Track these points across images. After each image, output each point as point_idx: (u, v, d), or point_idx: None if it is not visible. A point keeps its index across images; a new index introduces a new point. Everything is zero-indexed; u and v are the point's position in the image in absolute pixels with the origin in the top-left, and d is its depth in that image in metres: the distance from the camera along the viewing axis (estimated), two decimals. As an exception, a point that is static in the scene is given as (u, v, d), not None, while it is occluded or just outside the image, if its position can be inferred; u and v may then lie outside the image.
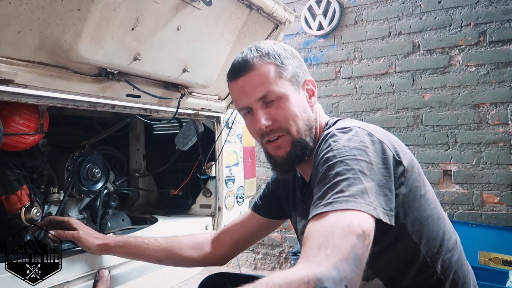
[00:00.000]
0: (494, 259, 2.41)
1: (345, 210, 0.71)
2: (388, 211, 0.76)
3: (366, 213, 0.71)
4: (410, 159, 0.89)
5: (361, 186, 0.74)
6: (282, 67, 0.96)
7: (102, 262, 1.29)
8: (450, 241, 0.92)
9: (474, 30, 2.66)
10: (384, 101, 2.99)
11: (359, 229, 0.68)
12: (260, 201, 1.24)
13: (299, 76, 0.99)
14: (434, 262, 0.88)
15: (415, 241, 0.87)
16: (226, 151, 1.94)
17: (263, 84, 0.94)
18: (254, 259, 3.54)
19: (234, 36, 1.45)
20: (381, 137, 0.85)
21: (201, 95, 1.64)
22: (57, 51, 1.00)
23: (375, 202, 0.74)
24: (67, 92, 1.13)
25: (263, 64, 0.95)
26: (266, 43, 1.01)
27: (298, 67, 1.00)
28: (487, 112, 2.62)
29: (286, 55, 0.98)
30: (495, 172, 2.59)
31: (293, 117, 0.95)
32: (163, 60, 1.27)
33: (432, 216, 0.90)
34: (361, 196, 0.73)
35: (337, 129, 0.88)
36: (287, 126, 0.95)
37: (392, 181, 0.80)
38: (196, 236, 1.27)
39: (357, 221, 0.69)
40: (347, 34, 3.14)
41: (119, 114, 1.75)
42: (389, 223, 0.75)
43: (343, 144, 0.81)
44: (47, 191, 1.43)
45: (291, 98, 0.95)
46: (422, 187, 0.90)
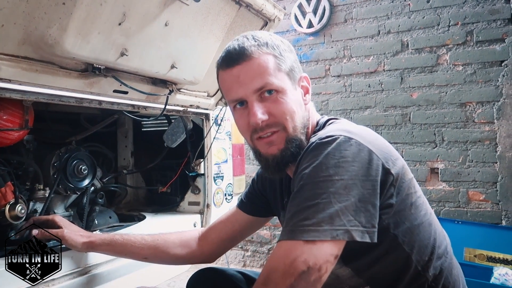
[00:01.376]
0: (479, 255, 2.45)
1: (301, 242, 0.72)
2: (368, 227, 0.75)
3: (329, 241, 0.72)
4: (401, 166, 0.85)
5: (331, 210, 0.73)
6: (281, 59, 0.90)
7: (87, 260, 1.28)
8: (441, 247, 0.90)
9: (461, 30, 2.69)
10: (373, 99, 3.01)
11: (304, 266, 0.70)
12: (246, 198, 1.22)
13: (296, 72, 0.94)
14: (425, 271, 0.86)
15: (406, 251, 0.85)
16: (215, 148, 1.94)
17: (261, 75, 0.87)
18: (243, 257, 3.54)
19: (223, 32, 1.45)
20: (370, 145, 0.81)
21: (189, 91, 1.63)
22: (42, 45, 0.98)
23: (350, 223, 0.73)
24: (53, 88, 1.12)
25: (262, 53, 0.88)
26: (263, 33, 0.95)
27: (294, 62, 0.95)
28: (474, 111, 2.66)
29: (284, 48, 0.93)
30: (481, 170, 2.63)
31: (291, 112, 0.89)
32: (151, 56, 1.26)
33: (423, 223, 0.87)
34: (328, 222, 0.72)
35: (320, 138, 0.82)
36: (284, 122, 0.88)
37: (376, 194, 0.78)
38: (183, 234, 1.25)
39: (304, 257, 0.71)
40: (337, 32, 3.15)
41: (107, 110, 1.73)
42: (368, 240, 0.74)
43: (320, 161, 0.77)
44: (32, 188, 1.41)
45: (289, 92, 0.90)
46: (413, 193, 0.87)
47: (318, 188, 0.75)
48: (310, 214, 0.73)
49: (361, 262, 0.86)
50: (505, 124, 2.55)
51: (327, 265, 0.72)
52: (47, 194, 1.42)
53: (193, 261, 1.25)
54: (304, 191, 0.77)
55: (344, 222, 0.72)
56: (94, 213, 1.63)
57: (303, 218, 0.74)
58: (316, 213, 0.73)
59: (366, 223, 0.74)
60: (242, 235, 1.25)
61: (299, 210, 0.75)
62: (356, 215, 0.74)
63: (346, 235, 0.72)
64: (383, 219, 0.81)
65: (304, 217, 0.74)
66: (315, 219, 0.73)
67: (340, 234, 0.72)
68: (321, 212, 0.73)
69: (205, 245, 1.22)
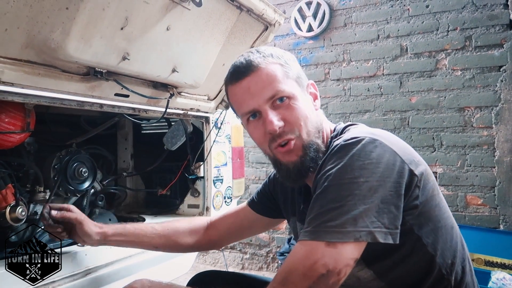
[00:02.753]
0: (477, 259, 2.46)
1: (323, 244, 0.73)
2: (391, 229, 0.75)
3: (351, 243, 0.73)
4: (424, 168, 0.85)
5: (355, 212, 0.73)
6: (287, 66, 0.92)
7: (89, 261, 1.29)
8: (462, 251, 0.90)
9: (460, 35, 2.71)
10: (372, 103, 3.02)
11: (324, 269, 0.71)
12: (257, 197, 1.22)
13: (302, 78, 0.96)
14: (449, 275, 0.85)
15: (431, 253, 0.84)
16: (215, 151, 1.94)
17: (271, 83, 0.88)
18: (242, 259, 3.55)
19: (224, 36, 1.46)
20: (394, 147, 0.81)
21: (190, 95, 1.64)
22: (45, 49, 0.99)
23: (373, 224, 0.73)
24: (55, 91, 1.13)
25: (269, 63, 0.90)
26: (266, 47, 0.98)
27: (300, 70, 0.97)
28: (472, 115, 2.67)
29: (288, 57, 0.95)
30: (479, 174, 2.64)
31: (304, 118, 0.89)
32: (153, 60, 1.27)
33: (446, 225, 0.87)
34: (351, 224, 0.73)
35: (345, 140, 0.83)
36: (299, 128, 0.89)
37: (400, 196, 0.77)
38: (192, 222, 1.27)
39: (325, 260, 0.72)
40: (337, 36, 3.17)
41: (107, 113, 1.74)
42: (391, 242, 0.75)
43: (345, 162, 0.78)
44: (33, 190, 1.42)
45: (300, 98, 0.91)
46: (436, 195, 0.87)
47: (343, 190, 0.76)
48: (334, 216, 0.74)
49: (384, 264, 0.86)
50: (503, 129, 2.56)
51: (347, 269, 0.73)
52: (47, 196, 1.43)
53: (200, 248, 1.29)
54: (329, 193, 0.77)
55: (367, 224, 0.73)
56: (94, 215, 1.64)
57: (327, 220, 0.74)
58: (340, 215, 0.74)
59: (389, 224, 0.75)
60: (248, 232, 1.28)
61: (323, 211, 0.76)
62: (379, 217, 0.74)
63: (369, 236, 0.73)
64: (407, 220, 0.81)
65: (328, 218, 0.74)
66: (338, 221, 0.73)
67: (363, 236, 0.73)
68: (346, 214, 0.73)
69: (212, 234, 1.24)
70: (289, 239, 3.11)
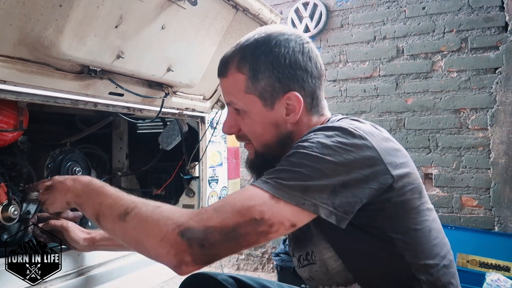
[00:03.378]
0: (472, 261, 2.46)
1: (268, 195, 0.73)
2: (339, 211, 0.74)
3: (294, 206, 0.72)
4: (407, 171, 0.84)
5: (308, 183, 0.74)
6: (252, 80, 0.88)
7: (82, 262, 1.28)
8: (440, 254, 0.88)
9: (456, 37, 2.72)
10: (368, 104, 3.02)
11: (258, 215, 0.71)
12: None
13: (276, 89, 0.89)
14: (419, 274, 0.84)
15: (400, 253, 0.83)
16: (210, 151, 1.94)
17: (229, 94, 0.94)
18: (237, 260, 3.54)
19: (219, 36, 1.45)
20: (375, 143, 0.79)
21: (185, 94, 1.64)
22: (38, 47, 0.98)
23: (322, 199, 0.73)
24: (48, 89, 1.11)
25: (234, 73, 0.90)
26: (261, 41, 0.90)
27: (283, 78, 0.88)
28: (468, 117, 2.68)
29: (270, 65, 0.88)
30: (474, 176, 2.65)
31: (253, 134, 0.94)
32: (147, 58, 1.26)
33: (423, 229, 0.86)
34: (301, 191, 0.73)
35: (323, 125, 0.86)
36: (251, 139, 0.96)
37: (363, 189, 0.76)
38: None
39: (263, 208, 0.71)
40: (333, 37, 3.17)
41: (102, 112, 1.73)
42: (334, 222, 0.74)
43: (317, 140, 0.79)
44: (26, 189, 1.40)
45: (253, 115, 0.91)
46: (416, 199, 0.85)
47: (306, 159, 0.76)
48: (288, 177, 0.75)
49: (353, 254, 0.86)
50: (499, 131, 2.57)
51: (280, 227, 0.72)
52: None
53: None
54: (293, 157, 0.78)
55: (315, 197, 0.73)
56: (88, 215, 1.62)
57: (281, 177, 0.75)
58: (293, 179, 0.74)
59: (338, 206, 0.74)
60: None
61: (281, 169, 0.77)
62: (331, 196, 0.74)
63: (312, 208, 0.73)
64: (377, 219, 0.81)
65: (282, 176, 0.75)
66: (290, 182, 0.74)
67: (307, 205, 0.73)
68: (298, 180, 0.74)
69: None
70: (284, 239, 3.11)
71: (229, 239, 0.70)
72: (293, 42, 0.90)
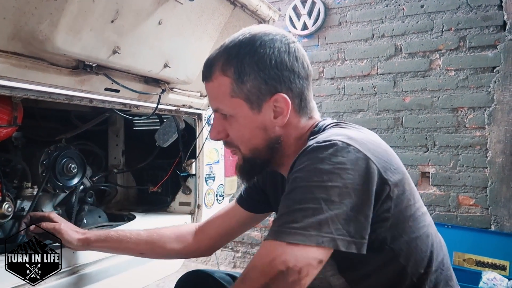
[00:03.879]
0: (468, 259, 2.47)
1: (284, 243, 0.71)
2: (356, 238, 0.73)
3: (314, 246, 0.70)
4: (401, 177, 0.82)
5: (320, 217, 0.71)
6: (237, 83, 0.86)
7: (77, 260, 1.26)
8: (437, 259, 0.87)
9: (454, 35, 2.71)
10: (365, 102, 3.02)
11: (283, 266, 0.69)
12: (245, 194, 1.20)
13: (263, 92, 0.86)
14: (421, 283, 0.83)
15: (402, 264, 0.82)
16: (207, 148, 1.92)
17: (215, 99, 0.91)
18: (233, 258, 3.53)
19: (217, 32, 1.44)
20: (369, 153, 0.78)
21: (182, 91, 1.62)
22: (33, 41, 0.96)
23: (338, 231, 0.71)
24: (43, 84, 1.10)
25: (219, 76, 0.87)
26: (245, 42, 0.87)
27: (269, 79, 0.86)
28: (465, 116, 2.68)
29: (255, 67, 0.85)
30: (471, 175, 2.65)
31: (241, 138, 0.91)
32: (144, 54, 1.25)
33: (421, 235, 0.85)
34: (315, 228, 0.71)
35: (317, 142, 0.80)
36: (238, 145, 0.93)
37: (370, 205, 0.75)
38: (179, 228, 1.24)
39: (284, 258, 0.69)
40: (331, 35, 3.16)
41: (98, 109, 1.71)
42: (355, 251, 0.73)
43: (314, 166, 0.76)
44: (20, 185, 1.38)
45: (240, 120, 0.89)
46: (412, 205, 0.84)
47: (309, 193, 0.74)
48: (298, 217, 0.72)
49: (356, 273, 0.85)
50: (496, 130, 2.57)
51: (309, 269, 0.71)
52: (35, 192, 1.40)
53: (189, 255, 1.25)
54: (296, 194, 0.76)
55: (332, 230, 0.71)
56: (83, 212, 1.61)
57: (291, 221, 0.73)
58: (304, 218, 0.72)
59: (355, 234, 0.73)
60: (239, 230, 1.24)
61: (288, 212, 0.74)
62: (345, 224, 0.72)
63: (331, 243, 0.71)
64: (379, 232, 0.79)
65: (292, 219, 0.73)
66: (302, 223, 0.71)
67: (326, 242, 0.71)
68: (310, 217, 0.71)
69: (201, 239, 1.21)
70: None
71: None
72: (279, 42, 0.87)
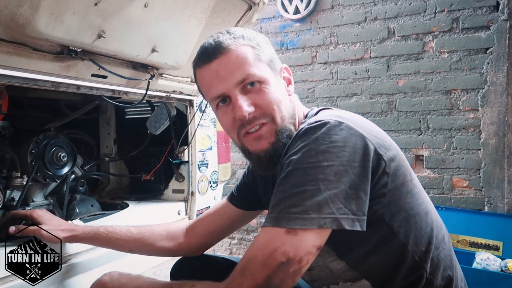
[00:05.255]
0: (462, 241, 2.49)
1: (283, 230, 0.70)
2: (359, 215, 0.72)
3: (314, 230, 0.70)
4: (396, 153, 0.82)
5: (319, 198, 0.70)
6: (259, 49, 0.87)
7: (70, 248, 1.25)
8: (438, 237, 0.87)
9: (447, 17, 2.69)
10: (359, 86, 3.00)
11: (283, 257, 0.69)
12: (237, 191, 1.19)
13: (275, 62, 0.92)
14: (423, 262, 0.83)
15: (402, 241, 0.81)
16: (199, 135, 1.91)
17: (241, 67, 0.84)
18: (230, 244, 3.55)
19: (205, 15, 1.41)
20: (361, 130, 0.78)
21: (172, 77, 1.60)
22: (13, 25, 0.94)
23: (340, 210, 0.70)
24: (27, 71, 1.07)
25: (240, 45, 0.85)
26: (237, 28, 0.93)
27: (273, 53, 0.93)
28: (459, 98, 2.67)
29: (261, 39, 0.91)
30: (465, 157, 2.65)
31: (277, 102, 0.86)
32: (130, 38, 1.22)
33: (420, 212, 0.84)
34: (316, 210, 0.70)
35: (309, 124, 0.79)
36: (271, 112, 0.85)
37: (368, 181, 0.75)
38: (170, 226, 1.23)
39: (284, 248, 0.69)
40: (323, 19, 3.12)
41: (88, 97, 1.69)
42: (359, 229, 0.72)
43: (309, 146, 0.75)
44: (9, 175, 1.37)
45: (272, 82, 0.87)
46: (409, 181, 0.83)
47: (306, 175, 0.73)
48: (297, 201, 0.71)
49: (356, 254, 0.84)
50: (489, 112, 2.57)
51: (309, 257, 0.71)
52: (24, 182, 1.38)
53: (180, 253, 1.23)
54: (292, 177, 0.74)
55: (333, 210, 0.70)
56: (75, 201, 1.60)
57: (289, 205, 0.72)
58: (303, 200, 0.71)
59: (357, 211, 0.72)
60: (230, 228, 1.22)
61: (286, 196, 0.73)
62: (346, 203, 0.71)
63: (334, 223, 0.70)
64: (376, 209, 0.78)
65: (290, 204, 0.72)
66: (302, 207, 0.70)
67: (328, 223, 0.70)
68: (309, 200, 0.70)
69: (192, 237, 1.19)
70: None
71: None
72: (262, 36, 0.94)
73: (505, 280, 1.99)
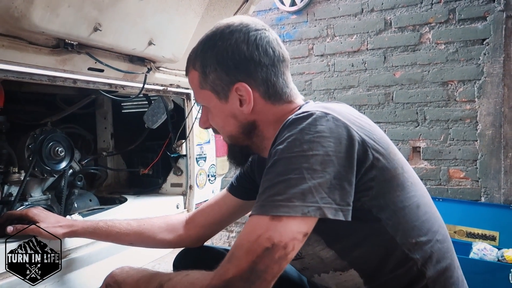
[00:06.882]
0: (459, 231, 2.51)
1: (268, 217, 0.71)
2: (342, 205, 0.73)
3: (298, 218, 0.71)
4: (386, 146, 0.82)
5: (303, 186, 0.71)
6: (203, 76, 0.91)
7: (71, 242, 1.25)
8: (431, 230, 0.86)
9: (444, 8, 2.68)
10: (356, 78, 3.00)
11: (268, 243, 0.69)
12: (236, 181, 1.19)
13: (225, 83, 0.89)
14: (413, 254, 0.83)
15: (390, 234, 0.81)
16: (197, 129, 1.90)
17: (193, 91, 0.98)
18: (228, 238, 3.56)
19: (202, 8, 1.40)
20: (348, 122, 0.78)
21: (169, 70, 1.59)
22: (8, 19, 0.92)
23: (323, 200, 0.71)
24: (23, 65, 1.06)
25: (191, 71, 0.95)
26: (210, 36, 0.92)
27: (228, 70, 0.88)
28: (455, 89, 2.68)
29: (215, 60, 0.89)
30: (462, 148, 2.66)
31: (217, 127, 0.97)
32: (126, 31, 1.21)
33: (410, 205, 0.84)
34: (299, 198, 0.71)
35: (296, 114, 0.80)
36: (219, 131, 0.99)
37: (353, 172, 0.75)
38: (169, 218, 1.23)
39: (269, 234, 0.70)
40: (320, 11, 3.11)
41: (84, 91, 1.68)
42: (342, 218, 0.72)
43: (294, 137, 0.75)
44: (6, 171, 1.36)
45: (212, 109, 0.95)
46: (400, 174, 0.83)
47: (291, 164, 0.74)
48: (281, 189, 0.72)
49: (345, 243, 0.85)
50: (486, 103, 2.58)
51: (294, 243, 0.71)
52: (22, 177, 1.37)
53: (180, 245, 1.23)
54: (277, 166, 0.75)
55: (316, 199, 0.71)
56: (73, 196, 1.59)
57: (274, 193, 0.72)
58: (287, 188, 0.72)
59: (341, 201, 0.73)
60: (230, 219, 1.23)
61: (271, 185, 0.74)
62: (330, 192, 0.72)
63: (318, 212, 0.71)
64: (364, 201, 0.78)
65: (275, 192, 0.73)
66: (286, 195, 0.71)
67: (312, 211, 0.70)
68: (293, 188, 0.71)
69: (192, 228, 1.20)
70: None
71: (252, 281, 0.69)
72: (237, 33, 0.88)
73: (501, 270, 2.00)
